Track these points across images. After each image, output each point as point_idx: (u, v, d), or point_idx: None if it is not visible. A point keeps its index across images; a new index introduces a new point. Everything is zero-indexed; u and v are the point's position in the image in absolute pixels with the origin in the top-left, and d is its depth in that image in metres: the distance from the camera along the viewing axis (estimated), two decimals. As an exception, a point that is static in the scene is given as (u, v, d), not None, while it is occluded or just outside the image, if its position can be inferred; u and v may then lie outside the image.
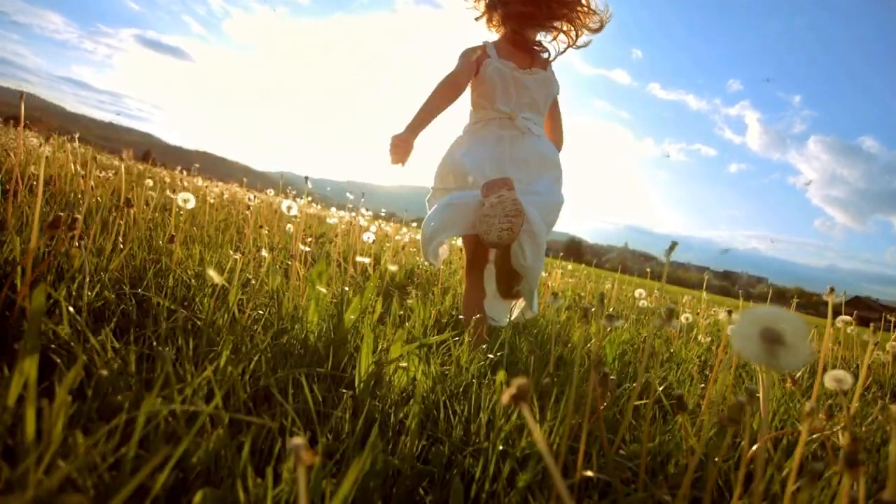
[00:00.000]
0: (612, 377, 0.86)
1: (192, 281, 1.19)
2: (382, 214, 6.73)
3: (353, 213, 3.53)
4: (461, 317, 1.62)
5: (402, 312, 1.52)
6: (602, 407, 0.83)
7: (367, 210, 3.99)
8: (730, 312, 1.40)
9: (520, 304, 1.73)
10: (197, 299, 1.08)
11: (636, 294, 2.98)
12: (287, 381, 0.80)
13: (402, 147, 1.46)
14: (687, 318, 2.11)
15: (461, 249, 2.65)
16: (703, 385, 1.33)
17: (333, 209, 5.24)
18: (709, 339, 2.23)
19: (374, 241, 2.19)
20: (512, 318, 1.60)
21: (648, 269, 4.02)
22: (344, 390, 0.85)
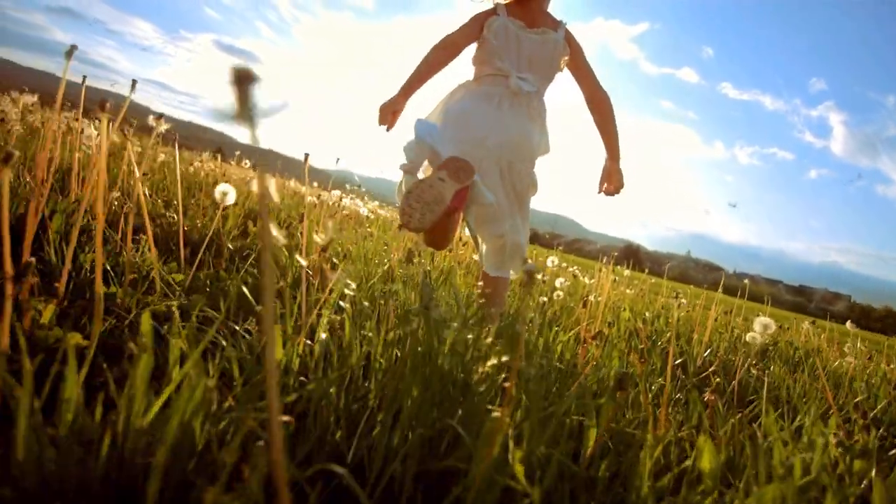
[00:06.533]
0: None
1: None
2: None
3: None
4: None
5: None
6: None
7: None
8: None
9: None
10: None
11: (757, 327, 1.50)
12: None
13: (388, 109, 1.53)
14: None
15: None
16: None
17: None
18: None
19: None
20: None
21: (747, 284, 3.37)
22: None
